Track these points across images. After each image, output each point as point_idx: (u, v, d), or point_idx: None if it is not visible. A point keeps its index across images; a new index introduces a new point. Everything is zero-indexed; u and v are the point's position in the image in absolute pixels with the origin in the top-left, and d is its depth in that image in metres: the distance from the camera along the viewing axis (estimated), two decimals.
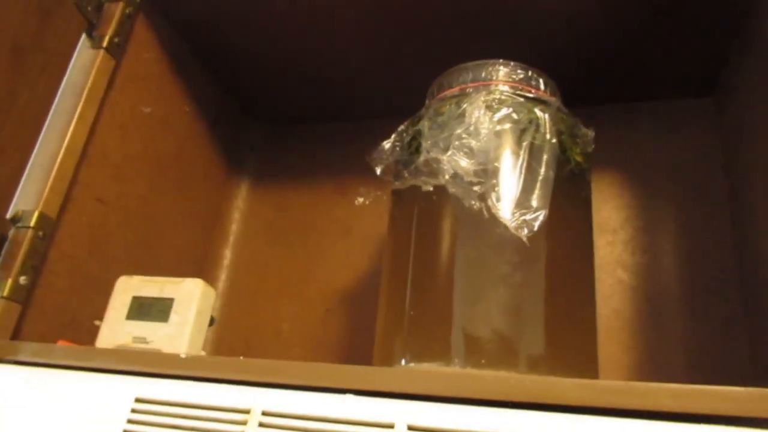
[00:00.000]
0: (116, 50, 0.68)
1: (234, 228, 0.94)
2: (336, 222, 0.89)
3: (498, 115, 0.54)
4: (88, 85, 0.64)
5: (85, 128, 0.63)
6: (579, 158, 0.56)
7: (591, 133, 0.58)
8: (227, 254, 0.92)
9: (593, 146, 0.58)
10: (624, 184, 0.78)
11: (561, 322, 0.50)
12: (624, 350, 0.69)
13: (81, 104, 0.63)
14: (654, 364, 0.68)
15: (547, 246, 0.51)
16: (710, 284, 0.70)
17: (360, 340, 0.81)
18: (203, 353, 0.58)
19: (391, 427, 0.40)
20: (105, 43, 0.66)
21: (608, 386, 0.38)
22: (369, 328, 0.77)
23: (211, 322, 0.60)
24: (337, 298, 0.85)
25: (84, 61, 0.66)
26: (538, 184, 0.51)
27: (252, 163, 0.98)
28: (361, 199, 0.62)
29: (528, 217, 0.49)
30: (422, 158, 0.52)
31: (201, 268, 0.88)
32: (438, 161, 0.50)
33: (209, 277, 0.90)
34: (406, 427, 0.39)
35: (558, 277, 0.51)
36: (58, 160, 0.60)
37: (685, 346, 0.68)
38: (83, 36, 0.67)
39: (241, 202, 0.96)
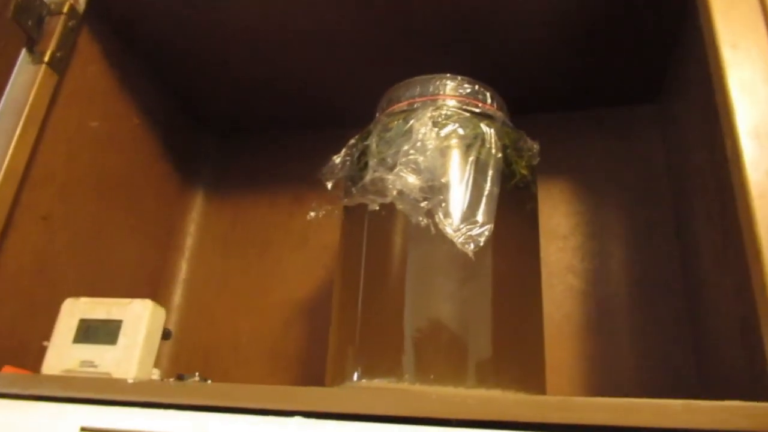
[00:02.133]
0: (59, 65, 0.67)
1: (189, 242, 0.93)
2: (292, 233, 0.89)
3: (444, 131, 0.54)
4: (29, 102, 0.62)
5: (26, 149, 0.61)
6: (524, 171, 0.57)
7: (536, 147, 0.59)
8: (183, 267, 0.91)
9: (538, 159, 0.59)
10: (573, 191, 0.80)
11: (508, 336, 0.51)
12: (575, 356, 0.71)
13: (21, 123, 0.61)
14: (604, 368, 0.70)
15: (494, 260, 0.52)
16: (657, 289, 0.72)
17: (319, 351, 0.80)
18: (156, 373, 0.57)
19: None
20: (47, 59, 0.65)
21: (546, 402, 0.39)
22: (328, 339, 0.77)
23: (167, 335, 0.59)
24: (295, 309, 0.85)
25: (24, 78, 0.64)
26: (484, 199, 0.52)
27: (206, 175, 0.97)
28: (312, 214, 0.62)
29: (474, 232, 0.50)
30: (369, 177, 0.52)
31: (156, 283, 0.86)
32: (383, 180, 0.51)
33: (165, 292, 0.88)
34: None
35: (505, 291, 0.52)
36: None
37: (634, 349, 0.70)
38: (23, 51, 0.65)
39: (196, 214, 0.95)
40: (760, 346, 0.40)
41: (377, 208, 0.52)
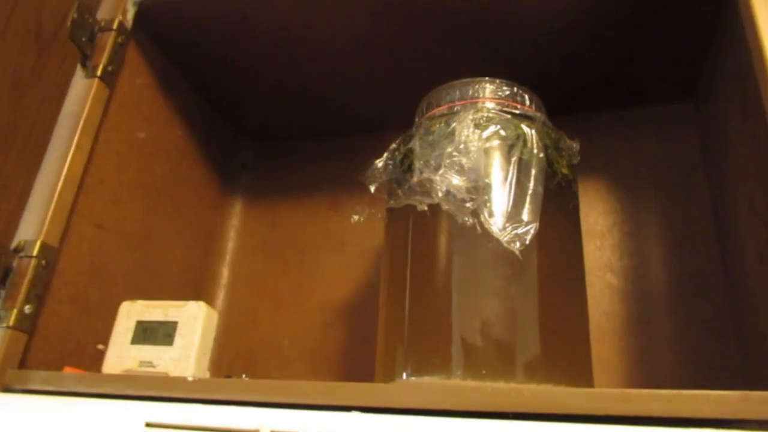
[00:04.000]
0: (110, 78, 0.70)
1: (230, 246, 0.95)
2: (330, 236, 0.91)
3: (486, 133, 0.55)
4: (84, 114, 0.65)
5: (82, 157, 0.64)
6: (565, 170, 0.58)
7: (576, 146, 0.60)
8: (225, 273, 0.93)
9: (579, 158, 0.60)
10: (610, 190, 0.80)
11: (555, 330, 0.52)
12: (615, 352, 0.72)
13: (78, 134, 0.64)
14: (644, 365, 0.71)
15: (539, 257, 0.53)
16: (696, 285, 0.72)
17: (359, 352, 0.82)
18: (209, 374, 0.59)
19: None
20: (99, 73, 0.68)
21: (602, 394, 0.40)
22: (368, 340, 0.78)
23: None
24: (335, 311, 0.86)
25: (79, 92, 0.67)
26: (528, 198, 0.53)
27: (245, 182, 1.00)
28: (356, 217, 0.63)
29: (520, 230, 0.51)
30: (416, 178, 0.54)
31: (200, 287, 0.89)
32: (431, 181, 0.52)
33: (208, 296, 0.91)
34: None
35: (551, 287, 0.53)
36: (58, 189, 0.61)
37: (674, 347, 0.71)
38: (78, 67, 0.68)
39: (235, 220, 0.97)
40: None
41: (425, 208, 0.54)
